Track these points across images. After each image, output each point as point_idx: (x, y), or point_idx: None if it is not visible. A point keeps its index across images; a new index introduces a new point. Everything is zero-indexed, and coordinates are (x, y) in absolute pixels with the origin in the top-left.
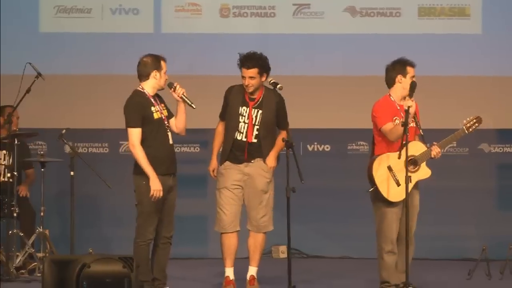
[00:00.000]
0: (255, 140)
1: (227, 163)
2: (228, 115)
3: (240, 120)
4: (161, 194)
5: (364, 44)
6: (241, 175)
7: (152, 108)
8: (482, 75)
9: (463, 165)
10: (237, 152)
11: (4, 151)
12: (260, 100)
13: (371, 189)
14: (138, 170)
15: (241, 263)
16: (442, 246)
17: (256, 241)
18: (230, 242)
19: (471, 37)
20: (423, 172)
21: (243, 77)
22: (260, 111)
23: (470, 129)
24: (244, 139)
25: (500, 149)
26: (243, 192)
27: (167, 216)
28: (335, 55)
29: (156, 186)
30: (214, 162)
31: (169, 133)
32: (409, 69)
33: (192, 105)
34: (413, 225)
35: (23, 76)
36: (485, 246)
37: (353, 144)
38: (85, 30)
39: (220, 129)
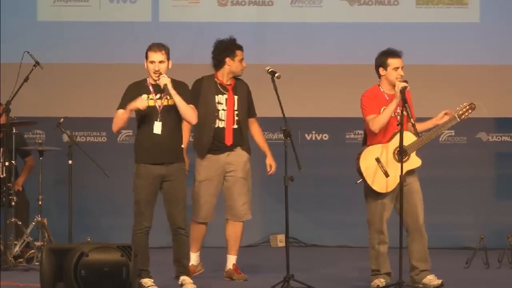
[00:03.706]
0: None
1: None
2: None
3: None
4: (142, 105)
5: (362, 33)
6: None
7: (144, 96)
8: (480, 64)
9: (461, 154)
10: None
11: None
12: None
13: (359, 181)
14: (135, 157)
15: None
16: (440, 235)
17: (237, 231)
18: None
19: (469, 26)
20: (413, 161)
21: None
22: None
23: (463, 116)
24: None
25: (498, 138)
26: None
27: (170, 206)
28: (333, 43)
29: (138, 103)
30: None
31: (158, 122)
32: (390, 61)
33: (168, 95)
34: (418, 212)
35: (21, 64)
36: (483, 235)
37: (351, 133)
38: (83, 19)
39: None
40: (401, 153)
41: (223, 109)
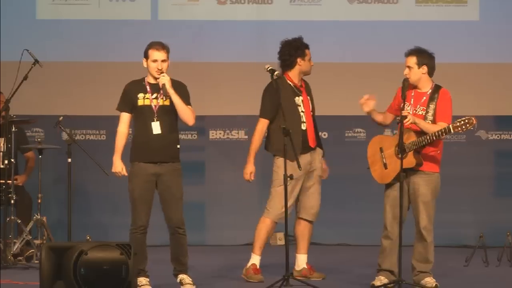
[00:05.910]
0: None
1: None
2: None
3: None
4: (119, 175)
5: (361, 31)
6: None
7: (140, 95)
8: (480, 62)
9: (461, 152)
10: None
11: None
12: None
13: (368, 168)
14: (130, 157)
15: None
16: (440, 233)
17: (309, 230)
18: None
19: (468, 24)
20: (407, 161)
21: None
22: None
23: (458, 129)
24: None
25: (498, 136)
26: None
27: (166, 206)
28: (332, 42)
29: (114, 168)
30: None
31: (156, 122)
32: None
33: (165, 95)
34: (419, 216)
35: (21, 63)
36: (482, 233)
37: (350, 131)
38: (82, 17)
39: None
40: (402, 152)
41: (302, 111)
